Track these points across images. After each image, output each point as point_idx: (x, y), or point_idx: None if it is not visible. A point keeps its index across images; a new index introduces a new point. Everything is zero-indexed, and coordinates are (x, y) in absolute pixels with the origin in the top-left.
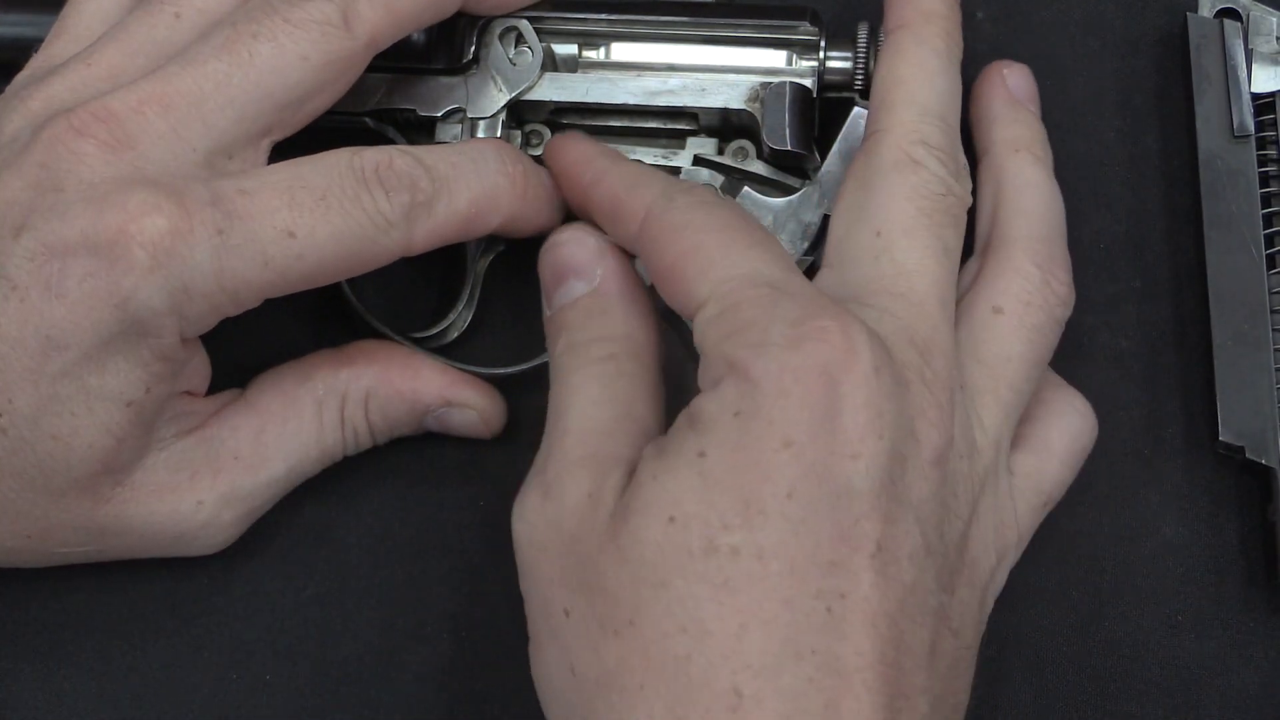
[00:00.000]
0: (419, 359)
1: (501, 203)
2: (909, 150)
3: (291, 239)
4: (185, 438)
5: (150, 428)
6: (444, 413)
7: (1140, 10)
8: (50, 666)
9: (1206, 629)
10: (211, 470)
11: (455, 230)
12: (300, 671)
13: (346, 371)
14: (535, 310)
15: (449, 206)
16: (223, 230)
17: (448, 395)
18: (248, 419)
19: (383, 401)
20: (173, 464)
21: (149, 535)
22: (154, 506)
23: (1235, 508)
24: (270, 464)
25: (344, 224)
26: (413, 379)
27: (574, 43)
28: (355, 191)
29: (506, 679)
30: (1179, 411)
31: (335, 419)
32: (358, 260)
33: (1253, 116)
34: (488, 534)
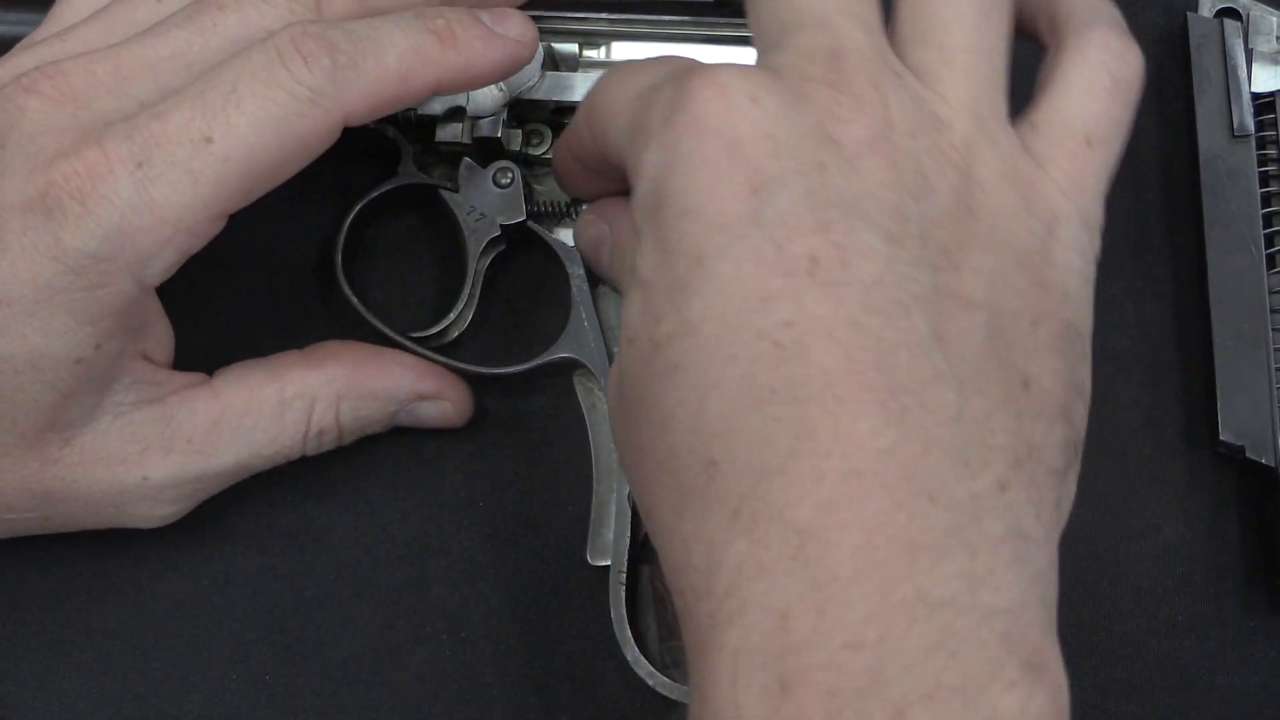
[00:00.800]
0: (387, 356)
1: (433, 55)
2: None
3: (210, 144)
4: (142, 409)
5: (103, 388)
6: (414, 406)
7: (1140, 10)
8: (50, 666)
9: (1206, 629)
10: (162, 448)
11: (392, 91)
12: (300, 671)
13: (316, 375)
14: (535, 310)
15: (378, 64)
16: (141, 162)
17: (419, 389)
18: (208, 406)
19: (354, 403)
20: (125, 434)
21: (93, 503)
22: (100, 474)
23: (1235, 508)
24: (221, 455)
25: (263, 109)
26: (384, 377)
27: (575, 42)
28: (268, 72)
29: (506, 679)
30: (1179, 411)
31: (299, 421)
32: (294, 142)
33: (1253, 116)
34: (488, 534)
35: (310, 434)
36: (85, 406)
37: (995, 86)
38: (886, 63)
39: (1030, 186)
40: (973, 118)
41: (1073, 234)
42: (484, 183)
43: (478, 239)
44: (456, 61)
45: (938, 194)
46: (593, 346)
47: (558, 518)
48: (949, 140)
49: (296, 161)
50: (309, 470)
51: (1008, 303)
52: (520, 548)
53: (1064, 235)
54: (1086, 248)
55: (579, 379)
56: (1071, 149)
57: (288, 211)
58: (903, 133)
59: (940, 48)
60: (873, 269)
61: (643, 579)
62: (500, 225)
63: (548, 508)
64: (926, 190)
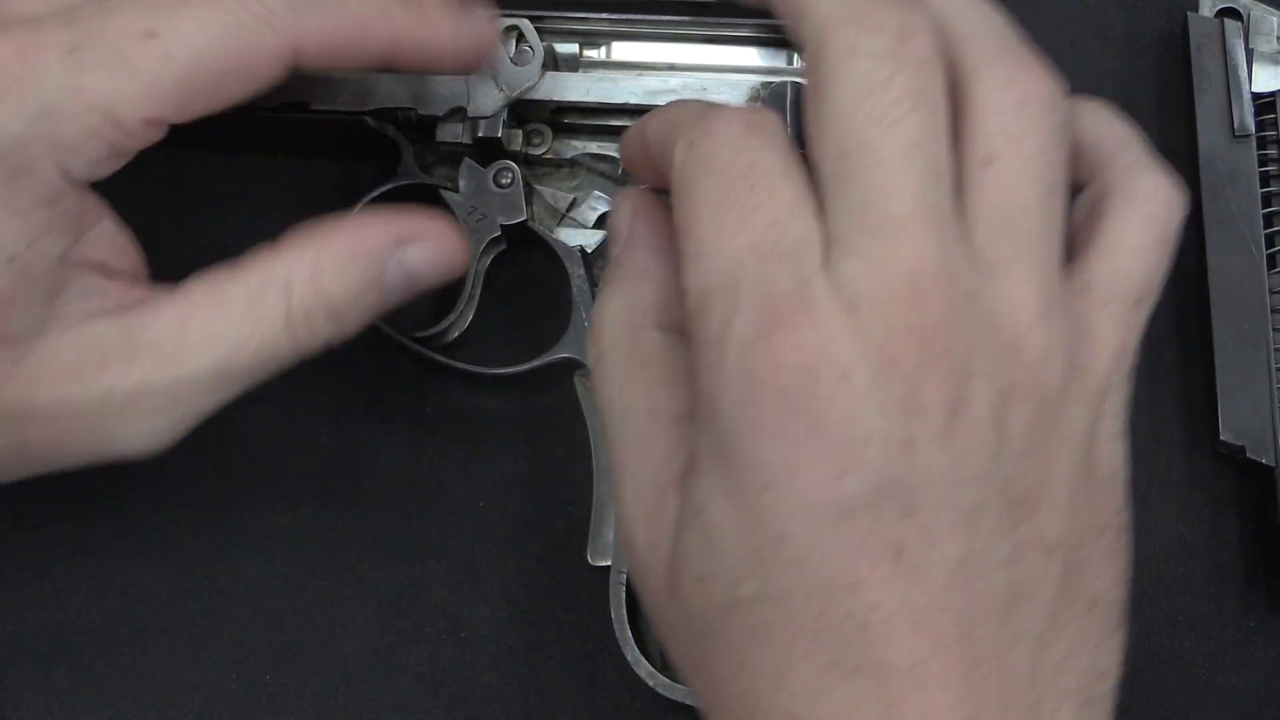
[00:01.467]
0: (353, 218)
1: (394, 14)
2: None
3: (154, 38)
4: (97, 319)
5: (50, 297)
6: (402, 260)
7: (1140, 10)
8: (50, 666)
9: (1206, 629)
10: (125, 358)
11: (346, 35)
12: (300, 671)
13: (284, 257)
14: (535, 310)
15: (338, 4)
16: (76, 47)
17: (397, 233)
18: (172, 309)
19: (333, 270)
20: (80, 345)
21: (61, 425)
22: (61, 389)
23: (1235, 508)
24: (194, 357)
25: (212, 16)
26: (357, 237)
27: (575, 42)
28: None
29: (506, 679)
30: (1179, 411)
31: (276, 308)
32: (239, 59)
33: (1253, 116)
34: (488, 535)
35: (295, 319)
36: (31, 316)
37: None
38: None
39: (1088, 368)
40: (1045, 322)
41: (1116, 400)
42: (484, 183)
43: (478, 239)
44: (417, 29)
45: (1015, 439)
46: None
47: (558, 518)
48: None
49: (239, 81)
50: (309, 471)
51: (1078, 528)
52: (520, 548)
53: (1109, 407)
54: (1125, 400)
55: (579, 379)
56: (1121, 313)
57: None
58: (984, 375)
59: (1014, 240)
60: (957, 548)
61: None
62: (500, 225)
63: (548, 508)
64: (1005, 440)
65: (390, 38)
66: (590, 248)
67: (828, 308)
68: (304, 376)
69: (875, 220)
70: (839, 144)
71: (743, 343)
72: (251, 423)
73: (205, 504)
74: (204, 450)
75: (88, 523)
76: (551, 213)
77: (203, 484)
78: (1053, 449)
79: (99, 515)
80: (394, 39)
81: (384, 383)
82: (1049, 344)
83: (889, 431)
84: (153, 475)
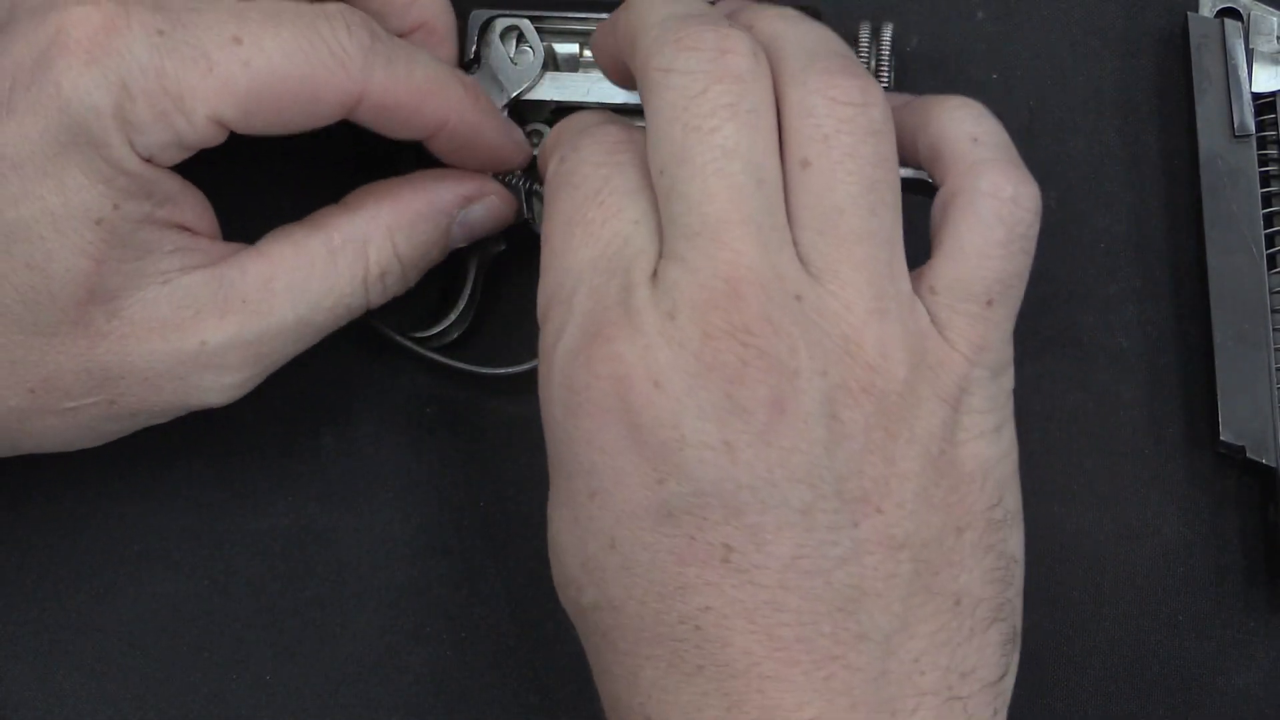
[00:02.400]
0: (419, 176)
1: (454, 96)
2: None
3: (238, 44)
4: (190, 274)
5: (141, 255)
6: (465, 215)
7: (1140, 10)
8: (50, 667)
9: (1207, 629)
10: (217, 311)
11: (407, 100)
12: (300, 671)
13: (361, 216)
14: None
15: (406, 69)
16: (163, 31)
17: (463, 191)
18: (258, 265)
19: (408, 230)
20: (176, 300)
21: (153, 378)
22: (155, 344)
23: (1236, 507)
24: (279, 311)
25: (295, 42)
26: (427, 195)
27: (575, 42)
28: (312, 19)
29: (506, 679)
30: (1179, 411)
31: (354, 266)
32: (308, 89)
33: (1253, 116)
34: (487, 535)
35: (371, 277)
36: (125, 274)
37: (894, 266)
38: (785, 285)
39: (939, 366)
40: (878, 319)
41: (981, 398)
42: None
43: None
44: (469, 115)
45: (851, 437)
46: None
47: None
48: (861, 361)
49: (302, 109)
50: (309, 471)
51: (931, 525)
52: (520, 548)
53: (973, 403)
54: (997, 397)
55: None
56: (974, 312)
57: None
58: (811, 374)
59: (837, 239)
60: (788, 548)
61: None
62: None
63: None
64: (840, 437)
65: (444, 116)
66: None
67: (647, 316)
68: (304, 376)
69: (694, 226)
70: (662, 157)
71: (568, 353)
72: (251, 423)
73: (205, 504)
74: (204, 450)
75: (88, 523)
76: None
77: (203, 484)
78: (899, 446)
79: (99, 515)
80: (447, 118)
81: (384, 383)
82: (884, 340)
83: (707, 434)
84: (153, 475)
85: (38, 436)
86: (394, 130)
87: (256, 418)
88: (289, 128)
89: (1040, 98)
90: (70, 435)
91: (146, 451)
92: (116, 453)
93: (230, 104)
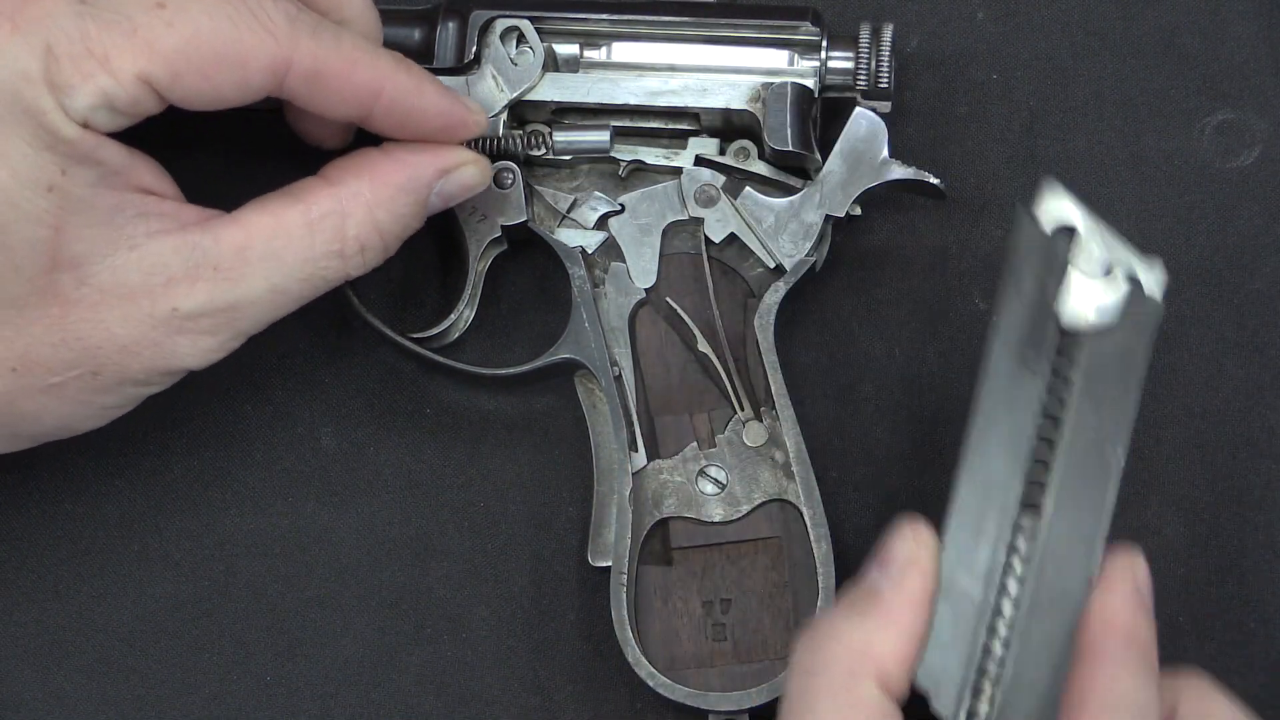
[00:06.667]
0: (399, 148)
1: (385, 66)
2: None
3: (161, 8)
4: (158, 238)
5: (105, 221)
6: (443, 185)
7: (1140, 10)
8: (50, 667)
9: (1207, 629)
10: (188, 277)
11: (337, 69)
12: (300, 672)
13: (341, 191)
14: (535, 310)
15: (334, 40)
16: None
17: (441, 164)
18: (232, 232)
19: (387, 204)
20: (145, 266)
21: (131, 345)
22: (128, 310)
23: (1236, 507)
24: (252, 280)
25: (220, 4)
26: (406, 169)
27: (575, 42)
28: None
29: (506, 679)
30: (1179, 411)
31: (330, 240)
32: (233, 53)
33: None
34: (488, 535)
35: (349, 251)
36: (88, 240)
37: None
38: None
39: None
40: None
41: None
42: None
43: (478, 240)
44: (404, 82)
45: None
46: (593, 346)
47: (558, 518)
48: None
49: (229, 73)
50: (309, 471)
51: None
52: (520, 548)
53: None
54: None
55: (579, 379)
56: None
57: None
58: None
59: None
60: None
61: (644, 580)
62: (501, 226)
63: (548, 508)
64: None
65: (377, 83)
66: (591, 248)
67: None
68: (304, 376)
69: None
70: None
71: None
72: (251, 423)
73: (205, 504)
74: (204, 450)
75: (88, 523)
76: (552, 213)
77: (203, 484)
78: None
79: (99, 515)
80: (381, 85)
81: (384, 383)
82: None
83: None
84: (153, 475)
85: (32, 419)
86: (329, 106)
87: (257, 418)
88: (222, 97)
89: (1040, 98)
90: (64, 412)
91: (147, 452)
92: (117, 453)
93: (157, 63)
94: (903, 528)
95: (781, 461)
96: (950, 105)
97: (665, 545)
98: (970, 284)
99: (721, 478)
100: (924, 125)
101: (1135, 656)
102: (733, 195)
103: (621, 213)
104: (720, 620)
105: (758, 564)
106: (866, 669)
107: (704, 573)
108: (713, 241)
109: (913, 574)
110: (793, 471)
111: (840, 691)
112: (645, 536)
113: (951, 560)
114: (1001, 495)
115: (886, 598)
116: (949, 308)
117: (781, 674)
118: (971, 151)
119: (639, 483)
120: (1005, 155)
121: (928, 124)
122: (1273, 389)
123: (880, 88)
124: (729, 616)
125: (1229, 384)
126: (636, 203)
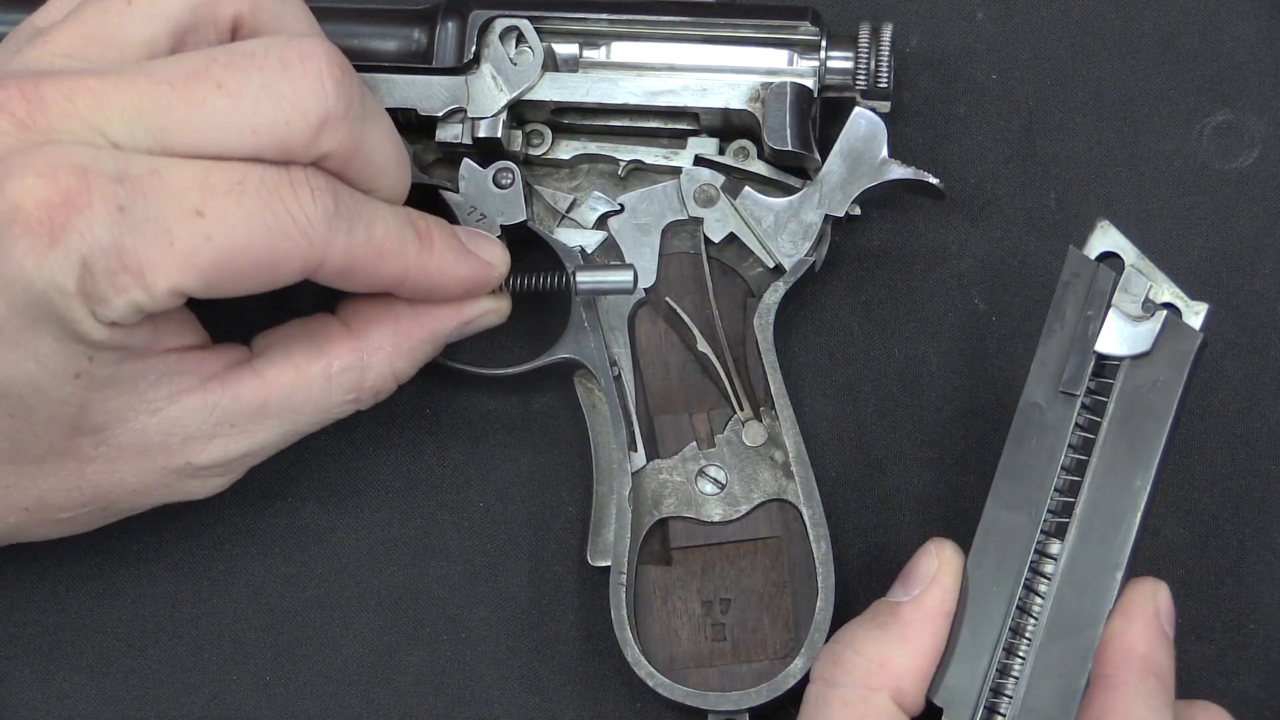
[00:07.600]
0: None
1: (409, 249)
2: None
3: (200, 218)
4: (180, 400)
5: (126, 390)
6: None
7: (1140, 10)
8: (50, 667)
9: (1207, 631)
10: (205, 436)
11: (365, 262)
12: (300, 672)
13: (364, 344)
14: (535, 310)
15: (366, 231)
16: (124, 207)
17: (463, 317)
18: (252, 389)
19: (407, 355)
20: (165, 428)
21: (142, 490)
22: (143, 464)
23: (1235, 507)
24: (268, 430)
25: (259, 213)
26: (430, 320)
27: (575, 42)
28: (276, 183)
29: (506, 680)
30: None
31: (348, 390)
32: (270, 259)
33: (1089, 375)
34: (486, 536)
35: (364, 396)
36: (110, 410)
37: None
38: None
39: None
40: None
41: None
42: (484, 183)
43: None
44: (427, 265)
45: None
46: (593, 346)
47: (558, 518)
48: None
49: (262, 276)
50: (309, 471)
51: None
52: (520, 548)
53: None
54: None
55: (579, 379)
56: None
57: None
58: None
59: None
60: None
61: (643, 580)
62: (500, 226)
63: (548, 508)
64: None
65: (402, 273)
66: (590, 248)
67: None
68: None
69: None
70: None
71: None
72: None
73: (205, 504)
74: None
75: None
76: (551, 213)
77: None
78: None
79: None
80: (406, 273)
81: None
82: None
83: None
84: None
85: (37, 538)
86: (352, 287)
87: None
88: (247, 292)
89: (1040, 98)
90: (66, 530)
91: None
92: None
93: (191, 276)
94: (928, 545)
95: (781, 461)
96: (949, 105)
97: (665, 545)
98: (969, 284)
99: (721, 477)
100: (923, 125)
101: (1153, 686)
102: (732, 195)
103: (621, 212)
104: (720, 620)
105: (757, 564)
106: (882, 682)
107: (703, 572)
108: (712, 241)
109: (933, 592)
110: (792, 471)
111: (855, 703)
112: (645, 536)
113: (975, 580)
114: (1028, 518)
115: (905, 614)
116: (948, 308)
117: (781, 673)
118: (970, 151)
119: (638, 482)
120: (1005, 155)
121: (927, 124)
122: (1272, 389)
123: (879, 87)
124: (728, 616)
125: (1228, 384)
126: (636, 202)
